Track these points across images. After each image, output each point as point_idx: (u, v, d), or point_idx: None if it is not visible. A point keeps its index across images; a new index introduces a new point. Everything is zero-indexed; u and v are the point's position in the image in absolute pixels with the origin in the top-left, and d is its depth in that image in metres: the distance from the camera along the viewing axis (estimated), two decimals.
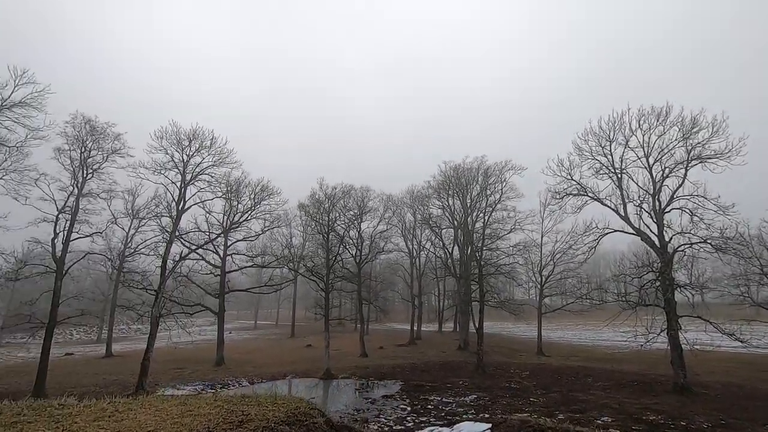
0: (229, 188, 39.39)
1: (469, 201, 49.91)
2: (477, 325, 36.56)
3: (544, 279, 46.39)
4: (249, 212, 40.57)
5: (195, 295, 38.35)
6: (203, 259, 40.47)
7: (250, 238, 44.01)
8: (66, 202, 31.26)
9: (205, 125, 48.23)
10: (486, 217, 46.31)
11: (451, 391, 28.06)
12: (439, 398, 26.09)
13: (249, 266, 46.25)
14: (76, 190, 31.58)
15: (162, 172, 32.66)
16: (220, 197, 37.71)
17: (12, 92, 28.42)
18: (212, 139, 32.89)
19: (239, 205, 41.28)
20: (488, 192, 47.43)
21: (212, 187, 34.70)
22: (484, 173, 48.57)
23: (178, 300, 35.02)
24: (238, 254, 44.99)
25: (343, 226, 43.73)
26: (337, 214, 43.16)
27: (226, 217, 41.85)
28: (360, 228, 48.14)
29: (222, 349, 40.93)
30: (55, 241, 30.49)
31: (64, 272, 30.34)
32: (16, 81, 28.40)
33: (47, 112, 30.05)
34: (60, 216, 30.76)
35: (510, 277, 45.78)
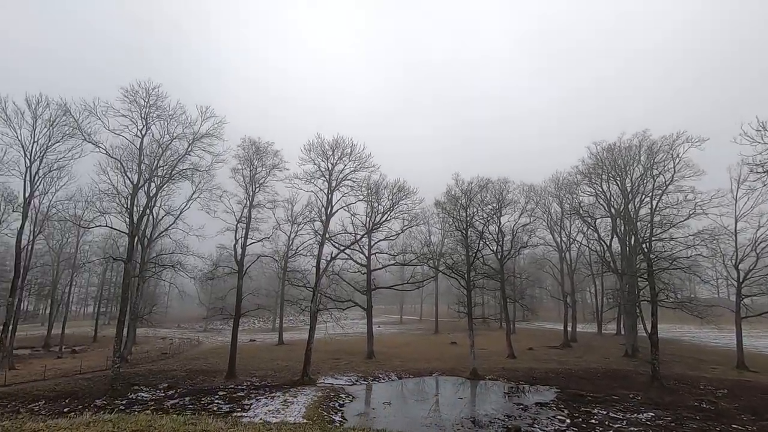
0: (369, 191, 41.64)
1: (630, 185, 42.95)
2: (649, 329, 31.15)
3: (742, 275, 37.14)
4: (388, 212, 42.21)
5: (345, 292, 41.54)
6: (351, 258, 43.59)
7: (391, 238, 45.80)
8: (242, 213, 37.05)
9: (346, 132, 51.84)
10: (654, 202, 39.26)
11: (620, 406, 24.40)
12: (605, 412, 22.90)
13: (391, 264, 48.18)
14: (248, 203, 37.19)
15: (312, 181, 36.21)
16: (362, 200, 40.07)
17: (200, 126, 34.84)
18: (351, 146, 35.13)
19: (379, 206, 43.29)
20: (655, 172, 40.11)
21: (354, 191, 37.10)
22: (648, 150, 41.23)
23: (331, 296, 38.35)
24: (381, 253, 47.26)
25: (481, 221, 42.16)
26: (475, 210, 41.78)
27: (368, 219, 44.37)
28: (500, 222, 45.85)
29: (372, 343, 43.46)
30: (236, 246, 36.39)
31: (243, 272, 36.01)
32: (203, 117, 34.72)
33: (224, 139, 36.07)
34: (238, 225, 36.61)
35: (691, 272, 37.87)
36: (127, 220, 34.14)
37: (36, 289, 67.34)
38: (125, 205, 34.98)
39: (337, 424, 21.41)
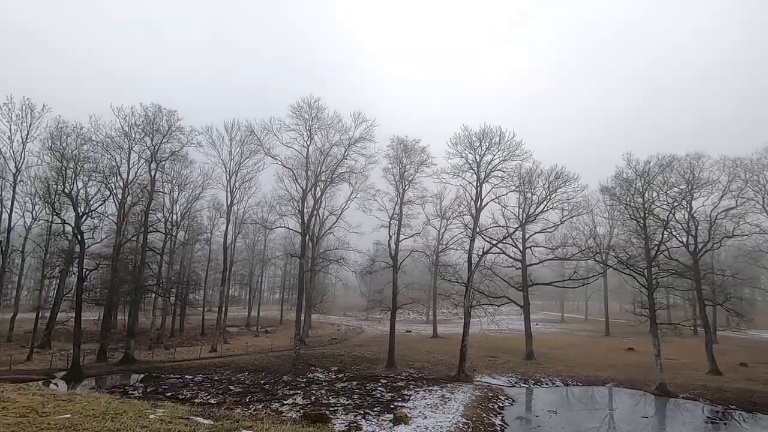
0: (521, 180, 38.91)
1: None
2: None
3: None
4: (544, 202, 38.71)
5: (499, 287, 39.69)
6: (504, 252, 41.47)
7: (548, 230, 42.04)
8: (393, 210, 38.65)
9: (494, 122, 49.63)
10: None
11: None
12: None
13: (549, 259, 44.19)
14: (399, 200, 38.59)
15: (460, 174, 35.52)
16: (514, 190, 37.64)
17: (354, 132, 37.48)
18: (500, 134, 33.21)
19: (533, 197, 40.06)
20: None
21: (505, 182, 35.05)
22: None
23: (484, 292, 37.08)
24: (537, 246, 43.85)
25: (665, 207, 35.22)
26: (655, 194, 35.12)
27: (521, 210, 41.55)
28: (691, 208, 37.58)
29: (530, 342, 40.64)
30: (390, 242, 38.15)
31: (398, 267, 37.56)
32: (356, 123, 37.27)
33: (375, 141, 38.07)
34: (391, 222, 38.30)
35: None
36: (299, 221, 38.97)
37: (239, 279, 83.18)
38: (298, 208, 39.96)
39: (498, 429, 20.40)
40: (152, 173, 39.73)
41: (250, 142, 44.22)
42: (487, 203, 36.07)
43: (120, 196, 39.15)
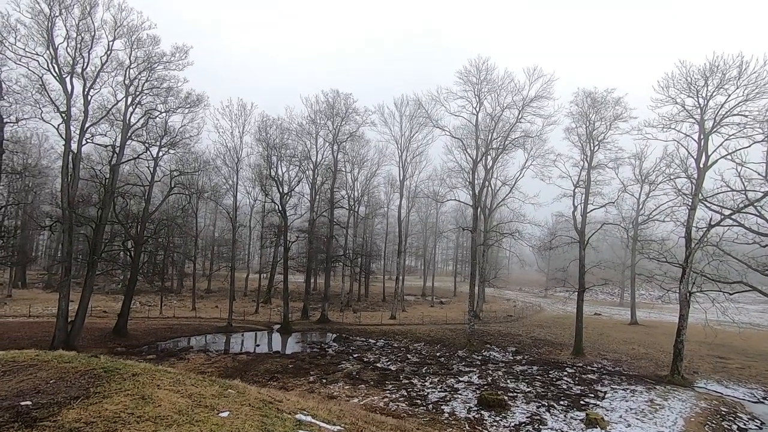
0: None
1: None
2: None
3: None
4: None
5: (735, 271, 30.39)
6: (741, 225, 31.39)
7: None
8: (579, 176, 33.31)
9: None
10: None
11: None
12: None
13: None
14: (586, 164, 32.99)
15: (672, 126, 27.92)
16: (761, 141, 27.67)
17: (528, 91, 33.34)
18: (740, 64, 24.36)
19: None
20: None
21: (746, 130, 25.89)
22: None
23: (710, 276, 28.88)
24: None
25: None
26: None
27: None
28: None
29: None
30: (575, 213, 33.14)
31: (585, 242, 32.46)
32: (530, 79, 33.03)
33: (555, 98, 33.07)
34: (575, 190, 33.15)
35: None
36: (470, 192, 37.31)
37: (413, 251, 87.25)
38: (468, 180, 38.30)
39: None
40: (335, 154, 43.73)
41: (419, 116, 44.30)
42: (716, 161, 27.49)
43: (311, 177, 44.47)
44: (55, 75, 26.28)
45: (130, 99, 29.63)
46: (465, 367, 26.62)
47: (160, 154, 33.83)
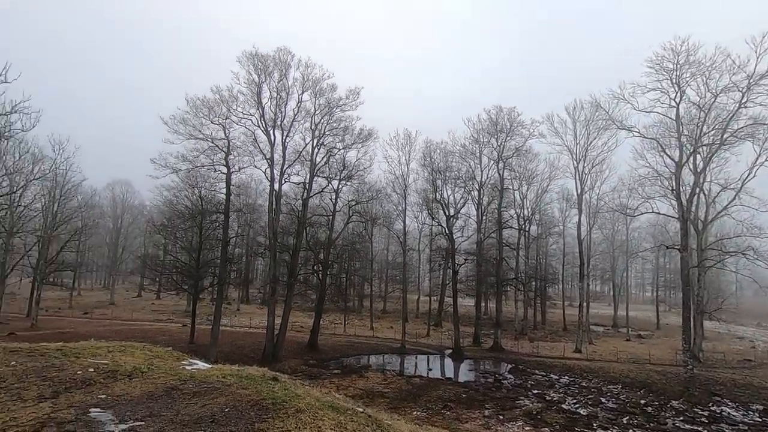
0: None
1: None
2: None
3: None
4: None
5: None
6: None
7: None
8: None
9: None
10: None
11: None
12: None
13: None
14: None
15: None
16: None
17: (755, 64, 25.76)
18: None
19: None
20: None
21: None
22: None
23: None
24: None
25: None
26: None
27: None
28: None
29: None
30: None
31: None
32: (758, 50, 25.51)
33: None
34: None
35: None
36: (674, 202, 30.38)
37: (599, 274, 76.02)
38: (669, 187, 31.37)
39: None
40: (500, 172, 41.69)
41: (597, 119, 38.88)
42: None
43: (477, 198, 43.30)
44: (262, 129, 32.29)
45: (315, 141, 34.23)
46: (684, 424, 20.87)
47: (340, 186, 37.90)
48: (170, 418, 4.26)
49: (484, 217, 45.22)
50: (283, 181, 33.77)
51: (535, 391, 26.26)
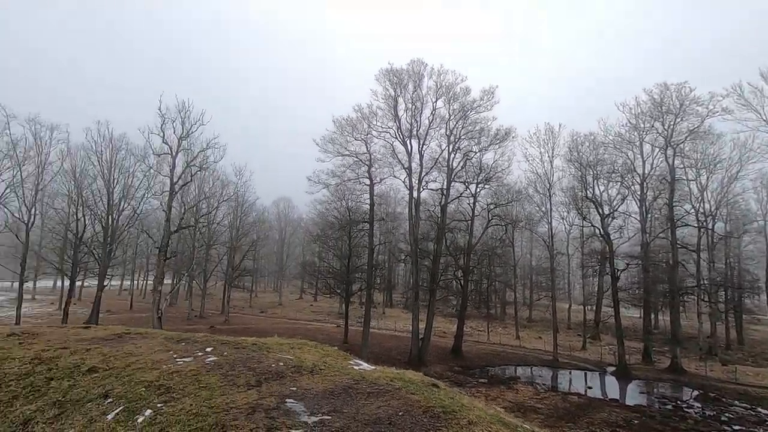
0: None
1: None
2: None
3: None
4: None
5: None
6: None
7: None
8: None
9: None
10: None
11: None
12: None
13: None
14: None
15: None
16: None
17: None
18: None
19: None
20: None
21: None
22: None
23: None
24: None
25: None
26: None
27: None
28: None
29: None
30: None
31: None
32: None
33: None
34: None
35: None
36: None
37: None
38: None
39: None
40: (669, 161, 35.41)
41: None
42: None
43: (639, 193, 37.53)
44: (399, 140, 33.70)
45: (451, 147, 34.22)
46: None
47: (478, 190, 37.08)
48: (352, 416, 4.59)
49: (649, 215, 38.94)
50: (421, 189, 34.62)
51: (737, 427, 21.29)
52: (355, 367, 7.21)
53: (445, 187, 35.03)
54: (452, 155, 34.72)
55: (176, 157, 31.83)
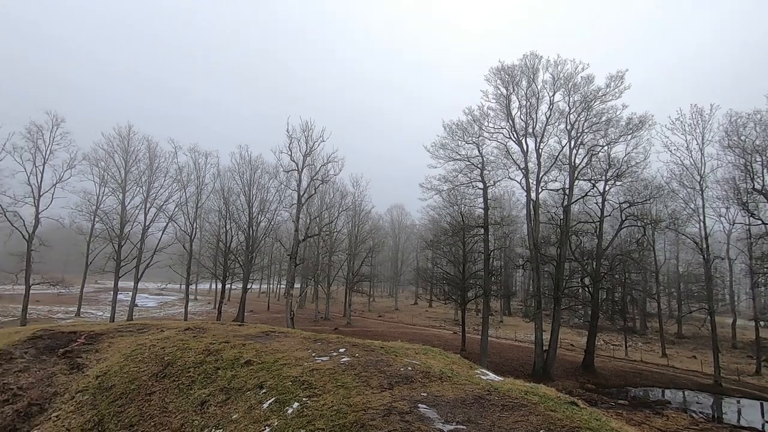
0: None
1: None
2: None
3: None
4: None
5: None
6: None
7: None
8: None
9: None
10: None
11: None
12: None
13: None
14: None
15: None
16: None
17: None
18: None
19: None
20: None
21: None
22: None
23: None
24: None
25: None
26: None
27: None
28: None
29: None
30: None
31: None
32: None
33: None
34: None
35: None
36: None
37: None
38: None
39: None
40: None
41: None
42: None
43: None
44: (514, 140, 32.12)
45: (572, 142, 31.45)
46: None
47: (607, 188, 33.38)
48: (487, 428, 4.42)
49: None
50: (539, 190, 32.41)
51: None
52: (483, 377, 6.97)
53: (567, 186, 32.26)
54: (574, 151, 31.84)
55: (302, 172, 35.04)
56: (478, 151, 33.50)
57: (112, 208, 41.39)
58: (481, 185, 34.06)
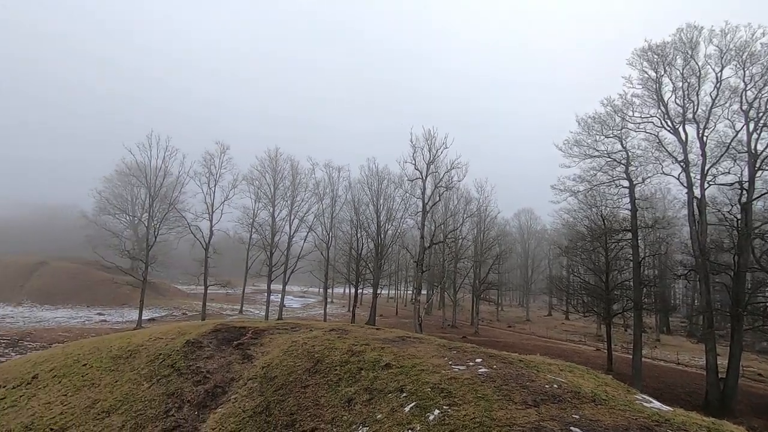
0: None
1: None
2: None
3: None
4: None
5: None
6: None
7: None
8: None
9: None
10: None
11: None
12: None
13: None
14: None
15: None
16: None
17: None
18: None
19: None
20: None
21: None
22: None
23: None
24: None
25: None
26: None
27: None
28: None
29: None
30: None
31: None
32: None
33: None
34: None
35: None
36: None
37: None
38: None
39: None
40: None
41: None
42: None
43: None
44: (668, 129, 27.68)
45: (752, 125, 25.73)
46: None
47: None
48: None
49: None
50: (705, 185, 27.16)
51: None
52: (646, 404, 6.04)
53: (745, 179, 26.41)
54: (754, 135, 25.92)
55: (426, 180, 35.60)
56: (621, 145, 29.73)
57: (264, 220, 47.85)
58: (626, 183, 30.14)
